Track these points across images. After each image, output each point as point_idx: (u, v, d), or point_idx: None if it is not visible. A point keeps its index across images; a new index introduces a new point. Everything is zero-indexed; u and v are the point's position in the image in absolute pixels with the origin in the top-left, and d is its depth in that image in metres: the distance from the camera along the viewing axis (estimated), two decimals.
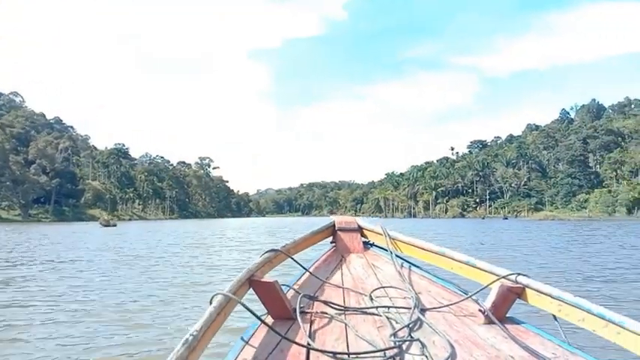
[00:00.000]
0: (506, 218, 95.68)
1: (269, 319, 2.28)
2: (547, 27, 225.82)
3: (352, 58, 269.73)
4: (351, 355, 1.98)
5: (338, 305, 2.49)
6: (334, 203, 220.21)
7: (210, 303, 1.89)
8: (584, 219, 79.36)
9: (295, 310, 2.29)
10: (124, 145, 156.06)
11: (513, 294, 2.54)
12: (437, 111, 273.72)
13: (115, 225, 61.50)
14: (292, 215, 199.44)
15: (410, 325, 2.27)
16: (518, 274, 2.62)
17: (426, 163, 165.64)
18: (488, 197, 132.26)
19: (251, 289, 2.32)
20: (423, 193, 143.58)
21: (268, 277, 2.41)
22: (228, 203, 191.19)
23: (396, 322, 2.32)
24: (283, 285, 2.48)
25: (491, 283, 2.66)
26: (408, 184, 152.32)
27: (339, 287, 2.84)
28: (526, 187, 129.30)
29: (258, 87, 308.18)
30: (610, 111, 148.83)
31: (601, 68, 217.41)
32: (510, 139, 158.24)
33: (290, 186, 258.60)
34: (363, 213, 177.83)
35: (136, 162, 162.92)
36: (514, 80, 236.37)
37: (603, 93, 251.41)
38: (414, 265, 3.31)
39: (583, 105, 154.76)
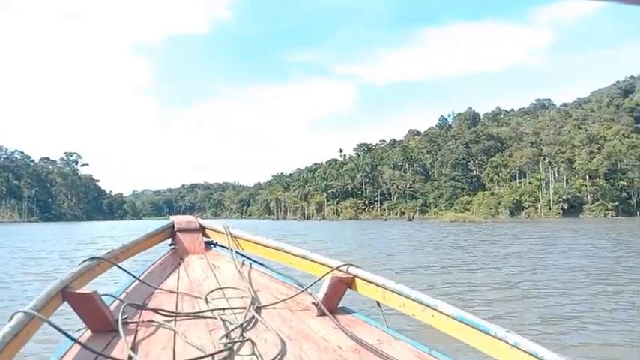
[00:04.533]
0: (411, 220, 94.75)
1: (87, 334, 2.14)
2: (422, 41, 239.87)
3: (240, 59, 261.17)
4: None
5: (168, 312, 2.41)
6: (218, 205, 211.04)
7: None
8: (496, 221, 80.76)
9: (117, 321, 2.15)
10: None
11: (344, 284, 2.67)
12: (322, 115, 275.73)
13: None
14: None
15: (243, 325, 2.27)
16: (350, 264, 2.76)
17: (315, 164, 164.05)
18: (378, 199, 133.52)
19: (66, 302, 2.15)
20: (313, 195, 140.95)
21: (89, 288, 2.26)
22: (98, 205, 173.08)
23: (230, 324, 2.30)
24: (107, 295, 2.40)
25: (324, 275, 2.74)
26: (298, 186, 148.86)
27: (173, 292, 2.76)
28: (412, 189, 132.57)
29: (139, 82, 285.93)
30: (484, 119, 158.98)
31: (474, 81, 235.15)
32: (394, 143, 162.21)
33: (170, 187, 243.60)
34: (250, 215, 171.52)
35: None
36: (394, 89, 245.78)
37: (477, 103, 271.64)
38: (256, 262, 3.32)
39: (460, 113, 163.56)
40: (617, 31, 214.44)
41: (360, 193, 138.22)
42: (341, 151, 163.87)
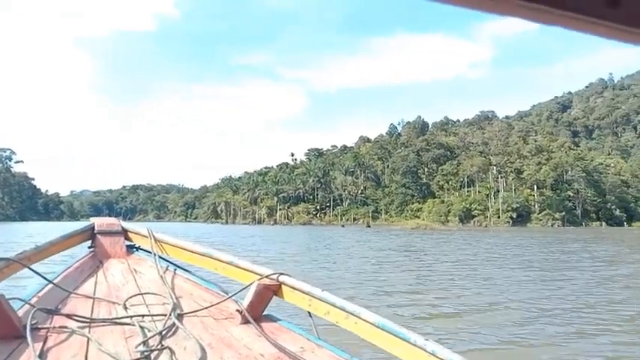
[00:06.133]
0: (369, 226, 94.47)
1: None
2: (370, 49, 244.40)
3: (187, 58, 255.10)
4: None
5: (82, 317, 2.29)
6: (162, 207, 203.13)
7: None
8: (461, 229, 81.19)
9: (26, 327, 2.03)
10: None
11: (270, 292, 2.64)
12: (272, 118, 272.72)
13: None
14: None
15: (162, 333, 2.22)
16: (281, 273, 2.72)
17: (266, 168, 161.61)
18: (331, 204, 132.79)
19: None
20: (264, 199, 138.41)
21: None
22: (33, 204, 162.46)
23: (149, 331, 2.23)
24: (16, 299, 2.29)
25: (252, 283, 2.69)
26: (248, 189, 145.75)
27: (89, 297, 2.64)
28: (363, 195, 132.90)
29: (80, 78, 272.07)
30: (433, 128, 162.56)
31: (421, 90, 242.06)
32: (345, 149, 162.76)
33: (110, 188, 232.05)
34: (195, 219, 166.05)
35: None
36: (344, 95, 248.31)
37: (425, 112, 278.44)
38: (180, 268, 3.22)
39: (409, 122, 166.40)
40: (554, 49, 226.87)
41: (311, 198, 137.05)
42: (292, 155, 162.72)
